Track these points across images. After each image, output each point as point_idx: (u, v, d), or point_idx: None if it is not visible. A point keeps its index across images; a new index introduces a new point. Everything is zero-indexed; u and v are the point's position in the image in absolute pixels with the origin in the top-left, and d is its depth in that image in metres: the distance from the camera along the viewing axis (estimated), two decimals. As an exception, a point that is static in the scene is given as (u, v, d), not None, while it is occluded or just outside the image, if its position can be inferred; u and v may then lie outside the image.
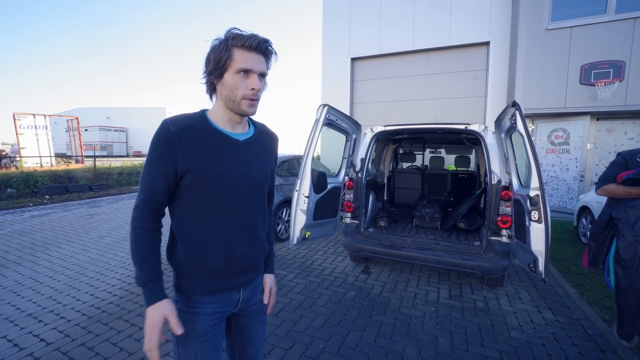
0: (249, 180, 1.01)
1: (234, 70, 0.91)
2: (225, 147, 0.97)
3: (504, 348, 2.27)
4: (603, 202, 4.35)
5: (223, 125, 0.99)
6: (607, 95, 5.99)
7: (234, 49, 0.90)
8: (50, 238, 4.89)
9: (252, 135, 1.06)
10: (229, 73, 0.92)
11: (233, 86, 0.93)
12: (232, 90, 0.93)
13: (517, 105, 2.35)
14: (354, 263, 3.97)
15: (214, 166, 0.94)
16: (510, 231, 2.85)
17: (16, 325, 2.48)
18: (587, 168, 6.80)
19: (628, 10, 5.95)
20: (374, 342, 2.32)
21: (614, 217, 2.29)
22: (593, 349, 2.26)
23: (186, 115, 0.97)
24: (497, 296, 3.08)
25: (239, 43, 0.90)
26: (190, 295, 0.99)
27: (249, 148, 1.03)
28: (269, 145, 1.13)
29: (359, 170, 3.55)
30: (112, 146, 48.24)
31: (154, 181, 0.93)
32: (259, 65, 0.93)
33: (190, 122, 0.94)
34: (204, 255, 0.97)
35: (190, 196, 0.95)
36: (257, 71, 0.93)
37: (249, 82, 0.93)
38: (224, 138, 0.98)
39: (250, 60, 0.91)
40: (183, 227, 0.98)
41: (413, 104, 8.36)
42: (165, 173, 0.92)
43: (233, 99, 0.94)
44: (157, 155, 0.92)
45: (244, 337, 1.15)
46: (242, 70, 0.91)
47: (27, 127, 13.85)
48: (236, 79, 0.92)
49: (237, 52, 0.90)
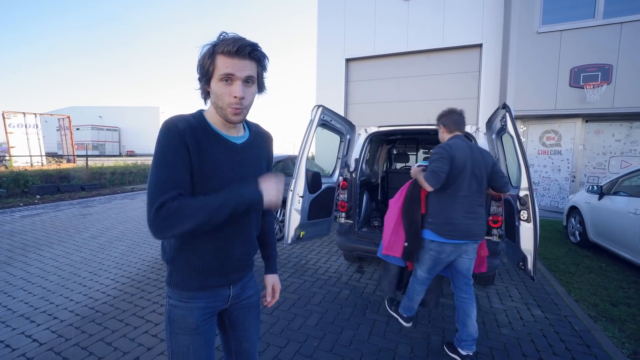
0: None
1: (217, 77, 0.90)
2: (225, 150, 0.97)
3: (494, 345, 2.32)
4: (592, 203, 4.48)
5: (219, 128, 0.99)
6: (595, 97, 6.13)
7: (216, 55, 0.89)
8: (41, 238, 4.83)
9: (248, 137, 1.07)
10: (214, 80, 0.91)
11: (218, 93, 0.91)
12: (218, 97, 0.92)
13: (507, 107, 2.40)
14: (347, 262, 4.01)
15: (215, 170, 0.94)
16: (500, 230, 2.90)
17: (7, 326, 2.45)
18: (577, 169, 6.95)
19: (615, 15, 6.10)
20: (367, 340, 2.36)
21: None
22: (579, 344, 2.32)
23: (187, 115, 0.96)
24: (488, 294, 3.14)
25: (220, 49, 0.88)
26: (183, 290, 1.01)
27: (246, 151, 1.03)
28: (264, 145, 1.14)
29: (353, 171, 3.58)
30: (104, 145, 47.60)
31: (175, 173, 0.87)
32: (242, 71, 0.89)
33: (193, 123, 0.93)
34: (199, 256, 0.99)
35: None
36: (239, 77, 0.90)
37: (232, 89, 0.90)
38: (224, 142, 0.98)
39: (232, 66, 0.88)
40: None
41: (407, 104, 8.44)
42: (186, 163, 0.89)
43: (220, 106, 0.93)
44: (172, 149, 0.87)
45: (238, 332, 1.17)
46: (224, 76, 0.89)
47: (16, 126, 13.60)
48: (220, 86, 0.90)
49: (220, 59, 0.89)
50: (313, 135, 2.96)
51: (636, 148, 6.56)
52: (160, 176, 0.86)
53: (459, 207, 2.05)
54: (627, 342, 2.40)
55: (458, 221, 2.03)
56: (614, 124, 6.67)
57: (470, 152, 2.07)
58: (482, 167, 2.08)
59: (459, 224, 2.03)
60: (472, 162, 2.05)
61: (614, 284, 3.45)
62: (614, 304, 2.99)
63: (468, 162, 2.03)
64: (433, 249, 2.11)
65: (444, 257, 2.11)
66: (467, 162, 2.03)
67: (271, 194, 0.95)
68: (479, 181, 2.07)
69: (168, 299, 1.04)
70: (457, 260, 2.15)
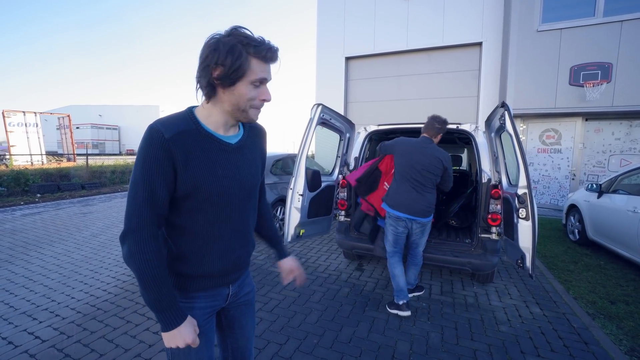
0: (242, 186, 1.00)
1: (249, 80, 0.87)
2: (219, 153, 0.94)
3: (493, 342, 2.34)
4: (591, 201, 4.49)
5: (215, 128, 0.95)
6: (595, 96, 6.12)
7: (250, 58, 0.85)
8: (42, 237, 4.85)
9: (242, 135, 1.04)
10: (244, 82, 0.87)
11: (245, 95, 0.89)
12: (243, 99, 0.89)
13: (506, 105, 2.42)
14: (347, 260, 4.02)
15: (209, 175, 0.91)
16: (499, 228, 2.92)
17: (10, 324, 2.47)
18: (577, 167, 6.96)
19: (615, 13, 6.09)
20: (366, 337, 2.38)
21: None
22: (577, 341, 2.34)
23: (176, 118, 0.90)
24: (487, 292, 3.16)
25: (256, 53, 0.85)
26: (183, 291, 1.01)
27: (241, 151, 1.01)
28: (258, 141, 1.12)
29: (353, 169, 3.59)
30: (104, 144, 47.56)
31: (155, 189, 0.84)
32: (270, 75, 0.92)
33: (182, 127, 0.88)
34: (198, 259, 0.98)
35: (185, 204, 0.93)
36: (269, 80, 0.92)
37: (261, 92, 0.91)
38: (218, 143, 0.94)
39: (267, 72, 0.89)
40: (177, 233, 0.97)
41: (407, 103, 8.43)
42: (166, 179, 0.85)
43: (242, 108, 0.91)
44: (153, 162, 0.83)
45: (234, 329, 1.17)
46: (259, 80, 0.88)
47: (16, 125, 13.62)
48: (250, 89, 0.88)
49: (255, 63, 0.86)
50: (313, 134, 2.97)
51: (636, 146, 6.56)
52: (141, 193, 0.84)
53: (403, 188, 2.68)
54: (625, 339, 2.42)
55: (403, 199, 2.65)
56: (613, 122, 6.67)
57: (416, 148, 2.66)
58: (424, 163, 2.60)
59: (404, 202, 2.64)
60: (413, 156, 2.63)
61: (613, 281, 3.47)
62: (612, 301, 3.01)
63: (410, 156, 2.65)
64: (389, 218, 2.75)
65: (401, 229, 2.71)
66: (409, 156, 2.65)
67: (169, 343, 0.90)
68: (421, 173, 2.61)
69: None
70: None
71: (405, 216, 2.63)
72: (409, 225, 2.70)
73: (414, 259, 2.88)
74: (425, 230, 2.77)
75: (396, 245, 2.78)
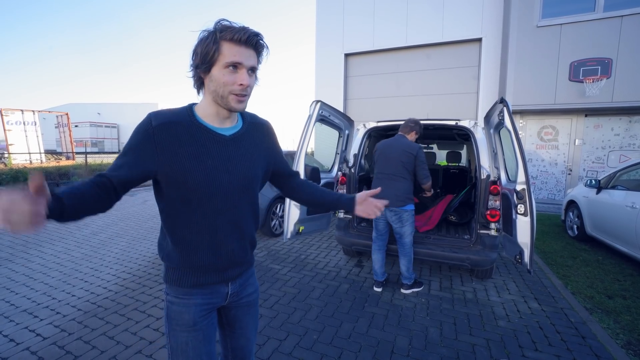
0: (235, 177, 0.98)
1: (222, 65, 0.88)
2: (210, 143, 0.94)
3: (491, 336, 2.35)
4: (589, 197, 4.51)
5: (210, 120, 0.96)
6: (594, 92, 6.12)
7: (222, 42, 0.86)
8: (42, 235, 4.85)
9: (240, 128, 1.02)
10: (217, 67, 0.88)
11: (221, 81, 0.89)
12: (220, 85, 0.89)
13: (505, 101, 2.42)
14: (347, 257, 4.04)
15: (197, 164, 0.91)
16: (498, 224, 2.93)
17: (11, 321, 2.48)
18: (575, 163, 6.98)
19: (615, 9, 6.07)
20: (366, 333, 2.39)
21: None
22: (574, 335, 2.36)
23: (172, 110, 0.94)
24: (486, 287, 3.18)
25: (228, 36, 0.86)
26: (179, 287, 1.00)
27: (236, 143, 1.00)
28: (262, 137, 1.10)
29: (352, 166, 3.59)
30: (103, 142, 47.40)
31: (122, 166, 0.89)
32: (249, 60, 0.90)
33: (174, 118, 0.91)
34: (191, 251, 0.98)
35: (175, 194, 0.93)
36: (246, 66, 0.89)
37: (237, 77, 0.89)
38: (210, 134, 0.94)
39: (240, 54, 0.88)
40: (171, 224, 0.98)
41: (406, 99, 8.42)
42: (137, 162, 0.89)
43: (221, 94, 0.91)
44: (133, 146, 0.89)
45: (235, 329, 1.16)
46: (231, 64, 0.88)
47: (15, 123, 13.56)
48: (224, 74, 0.88)
49: (226, 46, 0.87)
50: (312, 131, 2.97)
51: (635, 142, 6.58)
52: (116, 161, 0.91)
53: (378, 182, 2.94)
54: (622, 333, 2.43)
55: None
56: (613, 118, 6.67)
57: (390, 143, 2.95)
58: (395, 155, 2.86)
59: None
60: (386, 150, 2.93)
61: (610, 276, 3.49)
62: (610, 296, 3.03)
63: (385, 151, 2.95)
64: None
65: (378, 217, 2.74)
66: (384, 152, 2.95)
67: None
68: (393, 163, 2.87)
69: (166, 296, 1.04)
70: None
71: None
72: (384, 213, 2.89)
73: (402, 249, 2.99)
74: (403, 220, 2.88)
75: (377, 232, 3.05)
